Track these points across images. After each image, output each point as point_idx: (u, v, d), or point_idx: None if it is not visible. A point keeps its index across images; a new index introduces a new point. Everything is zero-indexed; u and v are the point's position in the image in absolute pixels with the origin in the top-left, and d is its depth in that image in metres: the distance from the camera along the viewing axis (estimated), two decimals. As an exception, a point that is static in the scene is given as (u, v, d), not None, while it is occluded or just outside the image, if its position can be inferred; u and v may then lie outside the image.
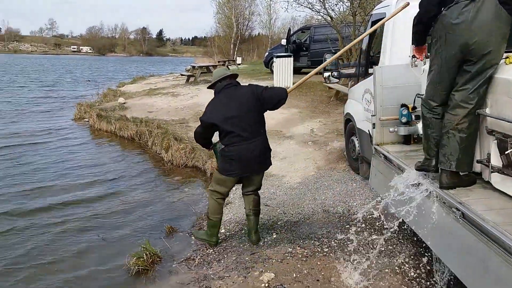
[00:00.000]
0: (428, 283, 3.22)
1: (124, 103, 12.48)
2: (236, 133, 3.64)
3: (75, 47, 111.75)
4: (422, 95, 3.22)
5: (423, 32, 2.98)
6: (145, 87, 17.09)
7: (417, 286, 3.20)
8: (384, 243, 3.61)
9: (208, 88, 4.02)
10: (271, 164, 4.06)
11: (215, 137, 3.95)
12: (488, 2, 2.48)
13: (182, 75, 18.96)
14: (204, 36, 71.24)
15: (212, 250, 4.16)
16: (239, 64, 28.89)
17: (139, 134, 9.25)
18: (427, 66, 3.10)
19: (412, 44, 3.24)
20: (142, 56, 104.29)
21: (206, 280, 3.59)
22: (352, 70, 6.29)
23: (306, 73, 16.45)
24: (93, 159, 8.01)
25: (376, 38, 4.96)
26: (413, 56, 3.77)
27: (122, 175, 7.02)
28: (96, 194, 6.11)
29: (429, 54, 3.02)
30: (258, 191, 4.12)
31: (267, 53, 18.70)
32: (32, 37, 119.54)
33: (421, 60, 3.49)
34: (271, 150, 4.01)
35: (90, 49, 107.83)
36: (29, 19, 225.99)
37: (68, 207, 5.55)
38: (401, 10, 3.97)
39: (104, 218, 5.27)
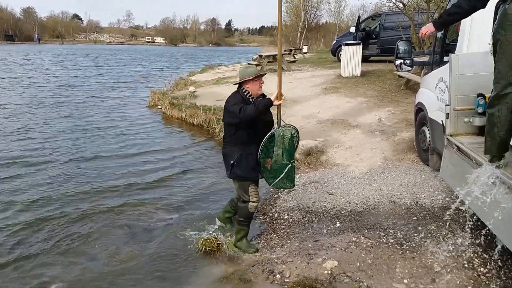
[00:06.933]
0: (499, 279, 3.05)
1: (194, 91, 12.92)
2: None
3: (149, 37, 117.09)
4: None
5: (455, 20, 3.26)
6: (213, 76, 17.55)
7: (488, 282, 3.05)
8: (453, 236, 3.47)
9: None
10: (229, 176, 4.02)
11: None
12: None
13: (249, 64, 19.17)
14: (271, 26, 71.35)
15: (275, 235, 4.25)
16: (305, 53, 28.61)
17: (208, 121, 9.58)
18: None
19: (438, 22, 3.27)
20: (211, 46, 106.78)
21: (270, 263, 3.68)
22: (425, 58, 6.03)
23: (375, 61, 15.96)
24: (164, 144, 8.43)
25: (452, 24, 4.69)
26: None
27: (190, 160, 7.33)
28: (164, 176, 6.43)
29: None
30: (239, 200, 4.15)
31: (334, 41, 18.35)
32: (110, 28, 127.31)
33: (421, 37, 3.56)
34: (227, 161, 3.96)
35: (163, 40, 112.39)
36: (108, 11, 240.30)
37: (140, 190, 5.86)
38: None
39: (171, 198, 5.55)
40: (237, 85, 3.94)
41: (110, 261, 4.00)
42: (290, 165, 3.88)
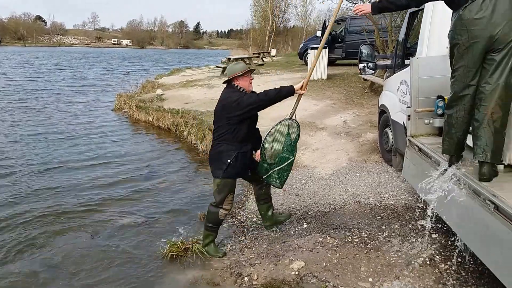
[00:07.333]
0: (459, 275, 3.15)
1: (161, 94, 12.74)
2: None
3: (116, 40, 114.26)
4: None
5: (391, 9, 3.36)
6: (181, 79, 17.36)
7: (449, 278, 3.14)
8: (415, 235, 3.56)
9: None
10: (214, 174, 3.80)
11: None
12: None
13: (217, 67, 19.14)
14: (240, 29, 71.51)
15: (244, 238, 4.23)
16: (274, 56, 28.79)
17: (176, 124, 9.46)
18: None
19: (376, 5, 3.23)
20: (180, 48, 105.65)
21: (238, 266, 3.66)
22: (388, 62, 6.17)
23: (341, 64, 16.26)
24: (130, 148, 8.26)
25: (413, 28, 4.84)
26: None
27: (158, 164, 7.21)
28: (132, 182, 6.29)
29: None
30: (211, 203, 3.94)
31: (301, 45, 18.56)
32: (75, 30, 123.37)
33: (354, 13, 3.55)
34: (223, 160, 3.69)
35: (130, 42, 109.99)
36: (73, 13, 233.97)
37: (106, 197, 5.69)
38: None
39: (139, 204, 5.43)
40: (226, 84, 3.82)
41: (74, 271, 3.85)
42: (293, 158, 3.92)
